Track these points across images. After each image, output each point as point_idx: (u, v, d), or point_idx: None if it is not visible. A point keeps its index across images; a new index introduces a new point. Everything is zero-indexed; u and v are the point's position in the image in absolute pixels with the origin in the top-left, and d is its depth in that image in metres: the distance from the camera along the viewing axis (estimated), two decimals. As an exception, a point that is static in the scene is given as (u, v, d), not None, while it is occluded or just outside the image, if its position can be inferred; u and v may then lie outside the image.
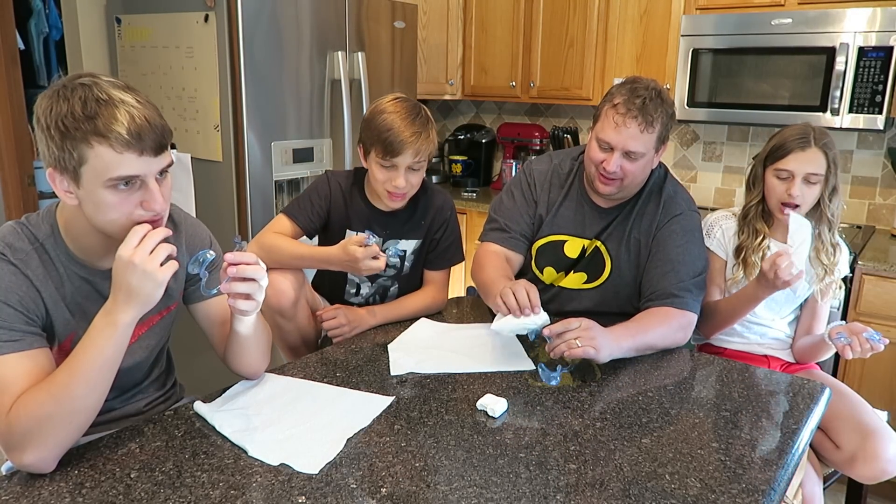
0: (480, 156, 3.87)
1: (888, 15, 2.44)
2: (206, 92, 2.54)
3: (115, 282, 1.10)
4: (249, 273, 1.20)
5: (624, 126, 1.63)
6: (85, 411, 1.09)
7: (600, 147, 1.69)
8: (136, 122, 1.08)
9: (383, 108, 1.70)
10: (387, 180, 1.70)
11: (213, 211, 2.61)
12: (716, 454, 1.19)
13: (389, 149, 1.65)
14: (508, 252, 1.84)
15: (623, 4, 3.06)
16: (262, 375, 1.42)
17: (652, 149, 1.67)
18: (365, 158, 1.75)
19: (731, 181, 3.24)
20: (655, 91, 1.65)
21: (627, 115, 1.62)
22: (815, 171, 1.72)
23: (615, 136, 1.65)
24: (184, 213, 1.41)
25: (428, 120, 1.73)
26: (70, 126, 1.06)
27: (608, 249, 1.81)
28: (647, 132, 1.63)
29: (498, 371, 1.51)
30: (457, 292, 3.42)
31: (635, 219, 1.79)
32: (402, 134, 1.65)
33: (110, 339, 1.09)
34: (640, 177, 1.72)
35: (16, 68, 3.38)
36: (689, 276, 1.70)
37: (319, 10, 2.66)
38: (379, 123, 1.67)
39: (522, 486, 1.08)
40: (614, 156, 1.66)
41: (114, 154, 1.07)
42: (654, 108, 1.63)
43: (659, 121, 1.64)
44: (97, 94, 1.08)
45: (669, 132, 1.70)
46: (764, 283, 1.67)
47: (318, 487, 1.06)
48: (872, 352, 1.67)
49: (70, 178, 1.11)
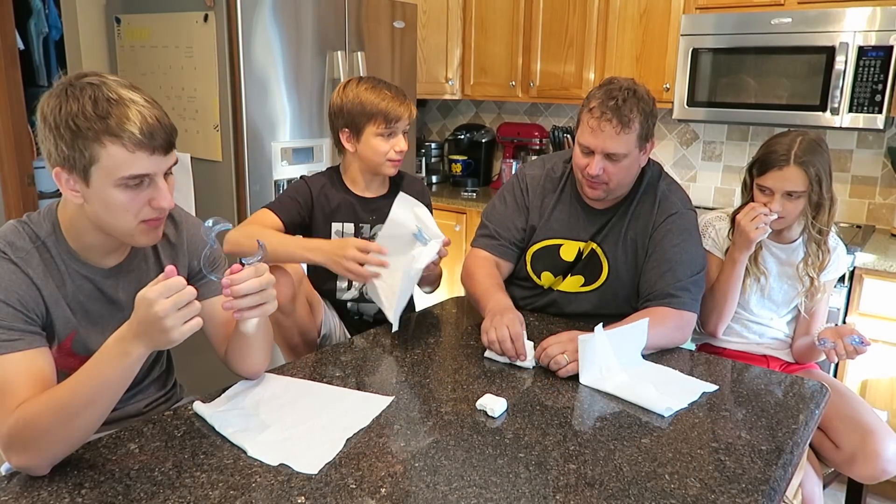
0: (480, 156, 3.87)
1: (888, 14, 2.43)
2: (205, 92, 2.54)
3: (137, 317, 1.04)
4: (246, 289, 1.17)
5: (600, 129, 1.63)
6: (83, 429, 1.08)
7: (582, 152, 1.70)
8: (147, 122, 1.09)
9: (356, 88, 1.81)
10: (390, 148, 1.80)
11: (213, 211, 2.59)
12: (716, 454, 1.19)
13: (390, 116, 1.78)
14: (498, 259, 1.85)
15: (623, 4, 3.06)
16: (262, 375, 1.42)
17: (634, 148, 1.66)
18: (355, 139, 1.82)
19: (731, 181, 3.24)
20: (630, 91, 1.63)
21: (602, 119, 1.62)
22: (794, 189, 1.71)
23: (593, 140, 1.65)
24: (185, 213, 1.41)
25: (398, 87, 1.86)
26: (82, 125, 1.07)
27: (605, 251, 1.81)
28: (623, 133, 1.62)
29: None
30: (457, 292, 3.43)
31: (631, 219, 1.79)
32: (395, 99, 1.80)
33: (118, 369, 1.07)
34: (625, 178, 1.71)
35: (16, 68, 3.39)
36: (686, 276, 1.70)
37: (319, 10, 2.66)
38: (368, 100, 1.79)
39: (522, 486, 1.08)
40: (595, 159, 1.66)
41: (126, 153, 1.09)
42: (630, 109, 1.61)
43: (636, 120, 1.63)
44: (107, 93, 1.09)
45: (652, 129, 1.70)
46: (738, 236, 1.76)
47: (318, 487, 1.06)
48: (858, 354, 1.68)
49: (79, 177, 1.11)
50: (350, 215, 1.87)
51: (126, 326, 1.06)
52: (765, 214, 1.71)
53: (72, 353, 1.24)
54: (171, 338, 1.04)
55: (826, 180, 1.72)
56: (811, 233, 1.77)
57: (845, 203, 2.98)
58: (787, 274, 1.85)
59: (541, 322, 1.81)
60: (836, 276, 1.89)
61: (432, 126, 4.25)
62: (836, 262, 1.85)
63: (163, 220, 1.20)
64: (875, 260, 2.40)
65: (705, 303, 1.82)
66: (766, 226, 1.71)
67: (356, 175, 1.89)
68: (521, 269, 1.89)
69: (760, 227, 1.71)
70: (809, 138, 1.73)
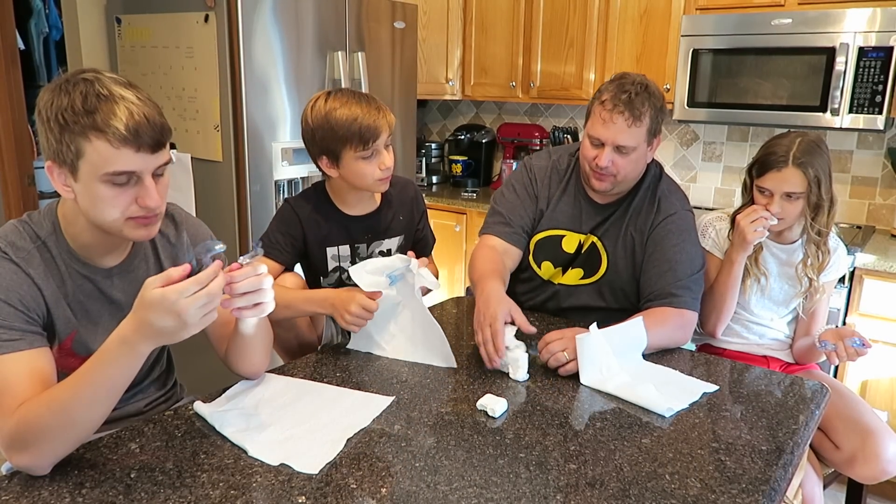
0: (480, 156, 3.88)
1: (888, 15, 2.44)
2: (206, 92, 2.54)
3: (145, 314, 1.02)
4: (244, 288, 1.15)
5: (612, 121, 1.65)
6: (84, 429, 1.08)
7: (592, 144, 1.72)
8: (134, 119, 1.09)
9: (325, 109, 1.62)
10: (374, 168, 1.64)
11: (213, 211, 2.61)
12: (716, 454, 1.19)
13: (366, 135, 1.60)
14: (508, 246, 1.85)
15: (623, 4, 3.06)
16: (262, 375, 1.42)
17: (643, 142, 1.69)
18: (336, 166, 1.67)
19: (731, 181, 3.24)
20: (642, 85, 1.66)
21: (615, 111, 1.64)
22: (792, 189, 1.71)
23: (604, 132, 1.67)
24: (185, 213, 1.41)
25: (371, 96, 1.67)
26: (69, 119, 1.07)
27: (605, 245, 1.82)
28: (635, 126, 1.65)
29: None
30: (457, 292, 3.43)
31: (632, 215, 1.80)
32: (369, 117, 1.61)
33: (122, 367, 1.06)
34: (633, 171, 1.73)
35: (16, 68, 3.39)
36: (686, 275, 1.71)
37: (319, 10, 2.66)
38: (338, 121, 1.60)
39: (522, 486, 1.08)
40: (605, 151, 1.68)
41: (111, 149, 1.08)
42: (641, 102, 1.64)
43: (647, 114, 1.65)
44: (98, 89, 1.09)
45: (661, 125, 1.72)
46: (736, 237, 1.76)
47: (318, 487, 1.06)
48: (858, 357, 1.68)
49: (68, 171, 1.12)
50: (344, 237, 1.77)
51: (129, 326, 1.04)
52: (765, 218, 1.71)
53: (72, 353, 1.24)
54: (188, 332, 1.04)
55: (825, 181, 1.71)
56: (810, 234, 1.77)
57: (845, 203, 2.98)
58: (787, 274, 1.85)
59: (541, 322, 1.80)
60: (836, 276, 1.89)
61: (432, 126, 4.25)
62: (836, 262, 1.85)
63: (153, 217, 1.17)
64: (875, 261, 2.40)
65: (704, 303, 1.82)
66: (764, 230, 1.72)
67: (343, 195, 1.76)
68: (522, 259, 1.90)
69: (759, 231, 1.71)
70: (808, 139, 1.73)
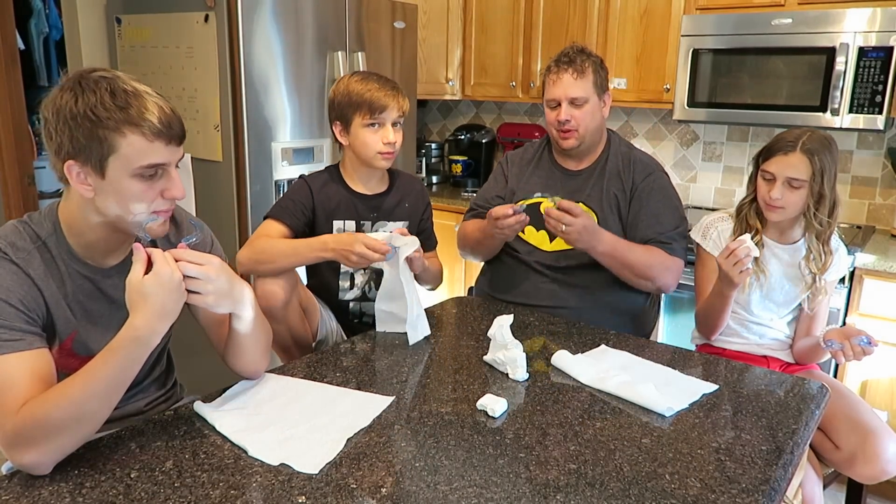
0: (480, 156, 3.87)
1: (888, 15, 2.44)
2: (206, 92, 2.54)
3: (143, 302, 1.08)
4: (190, 272, 1.13)
5: (560, 80, 1.91)
6: (91, 424, 1.09)
7: (550, 107, 1.95)
8: (165, 113, 1.14)
9: (348, 81, 1.81)
10: (377, 140, 1.78)
11: (213, 211, 2.61)
12: (716, 454, 1.19)
13: (375, 105, 1.76)
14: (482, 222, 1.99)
15: (623, 4, 3.06)
16: (262, 375, 1.42)
17: (593, 94, 1.91)
18: (346, 133, 1.82)
19: (731, 181, 3.24)
20: (578, 48, 1.94)
21: (560, 71, 1.91)
22: (797, 175, 1.71)
23: (556, 90, 1.91)
24: (185, 213, 1.42)
25: (394, 81, 1.84)
26: (102, 116, 1.09)
27: (592, 208, 1.94)
28: (580, 79, 1.89)
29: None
30: (457, 292, 3.42)
31: (609, 177, 1.97)
32: (382, 90, 1.78)
33: (134, 359, 1.10)
34: (591, 123, 1.93)
35: (16, 68, 3.39)
36: (671, 227, 1.91)
37: (319, 10, 2.66)
38: (354, 91, 1.78)
39: (523, 486, 1.08)
40: (563, 107, 1.91)
41: (145, 142, 1.12)
42: (581, 60, 1.90)
43: (589, 68, 1.91)
44: (122, 85, 1.12)
45: (606, 81, 1.96)
46: (722, 277, 1.71)
47: (318, 487, 1.06)
48: (865, 355, 1.68)
49: (93, 168, 1.13)
50: (351, 213, 1.87)
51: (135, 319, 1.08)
52: (745, 256, 1.63)
53: (72, 353, 1.24)
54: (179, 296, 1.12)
55: (829, 175, 1.72)
56: (812, 224, 1.77)
57: (845, 203, 2.97)
58: (788, 274, 1.85)
59: (541, 322, 1.81)
60: (837, 277, 1.89)
61: (432, 126, 4.25)
62: (837, 263, 1.85)
63: (171, 212, 1.24)
64: (875, 260, 2.40)
65: (698, 314, 1.89)
66: (749, 268, 1.66)
67: (353, 171, 1.88)
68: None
69: (744, 271, 1.66)
70: (821, 134, 1.76)
